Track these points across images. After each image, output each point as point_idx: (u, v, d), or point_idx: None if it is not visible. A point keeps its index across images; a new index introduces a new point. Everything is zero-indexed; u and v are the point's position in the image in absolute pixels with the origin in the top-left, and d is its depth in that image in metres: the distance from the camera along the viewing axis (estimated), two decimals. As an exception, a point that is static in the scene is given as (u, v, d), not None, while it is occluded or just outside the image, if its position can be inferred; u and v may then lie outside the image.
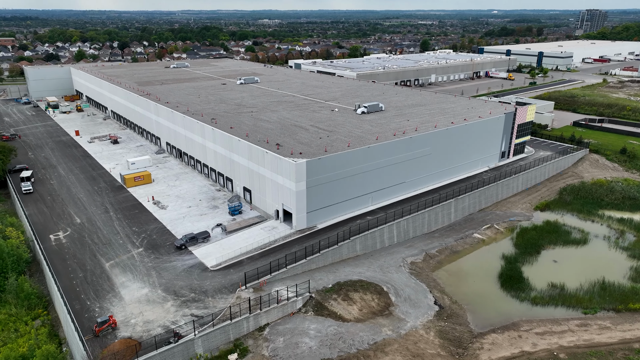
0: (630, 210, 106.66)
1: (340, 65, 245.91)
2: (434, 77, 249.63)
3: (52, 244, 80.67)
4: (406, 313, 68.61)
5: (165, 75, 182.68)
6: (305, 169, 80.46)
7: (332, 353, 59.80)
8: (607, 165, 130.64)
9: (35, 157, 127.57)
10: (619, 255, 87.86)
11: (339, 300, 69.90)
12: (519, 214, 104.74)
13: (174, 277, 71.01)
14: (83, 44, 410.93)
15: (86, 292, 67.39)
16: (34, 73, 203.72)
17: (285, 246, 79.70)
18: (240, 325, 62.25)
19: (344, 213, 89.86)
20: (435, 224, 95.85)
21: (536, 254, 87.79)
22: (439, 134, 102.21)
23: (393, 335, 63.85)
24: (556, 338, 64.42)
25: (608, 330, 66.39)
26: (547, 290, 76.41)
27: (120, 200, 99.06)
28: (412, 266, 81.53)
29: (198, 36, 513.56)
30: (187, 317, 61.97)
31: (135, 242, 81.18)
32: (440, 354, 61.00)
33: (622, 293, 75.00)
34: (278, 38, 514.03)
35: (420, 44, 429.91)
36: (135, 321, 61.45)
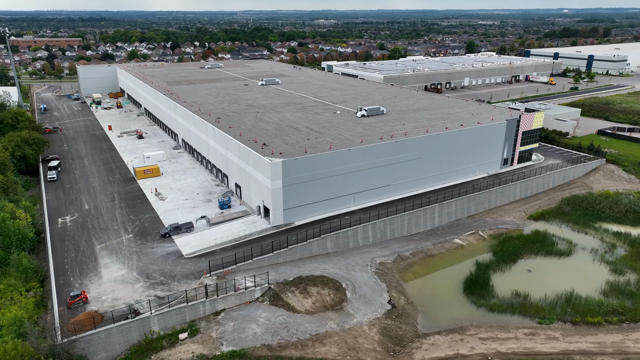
0: (632, 224, 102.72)
1: (371, 67, 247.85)
2: (468, 81, 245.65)
3: (58, 227, 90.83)
4: (356, 309, 71.82)
5: (196, 76, 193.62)
6: (281, 168, 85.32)
7: (273, 340, 64.41)
8: (622, 176, 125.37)
9: (69, 149, 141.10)
10: (600, 269, 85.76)
11: (296, 293, 74.25)
12: (510, 222, 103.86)
13: (150, 262, 78.33)
14: (140, 44, 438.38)
15: (72, 270, 76.11)
16: (84, 71, 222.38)
17: (259, 240, 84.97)
18: (196, 309, 68.23)
19: (324, 212, 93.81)
20: (417, 227, 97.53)
21: (512, 263, 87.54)
22: (428, 138, 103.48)
23: (337, 328, 67.42)
24: (497, 344, 65.29)
25: (554, 340, 66.25)
26: (509, 298, 76.62)
27: (128, 190, 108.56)
28: (380, 266, 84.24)
29: (249, 37, 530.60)
30: (150, 297, 68.82)
31: (127, 229, 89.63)
32: (376, 349, 63.92)
33: (586, 306, 73.89)
34: (326, 39, 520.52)
35: (466, 45, 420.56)
36: (106, 298, 69.06)
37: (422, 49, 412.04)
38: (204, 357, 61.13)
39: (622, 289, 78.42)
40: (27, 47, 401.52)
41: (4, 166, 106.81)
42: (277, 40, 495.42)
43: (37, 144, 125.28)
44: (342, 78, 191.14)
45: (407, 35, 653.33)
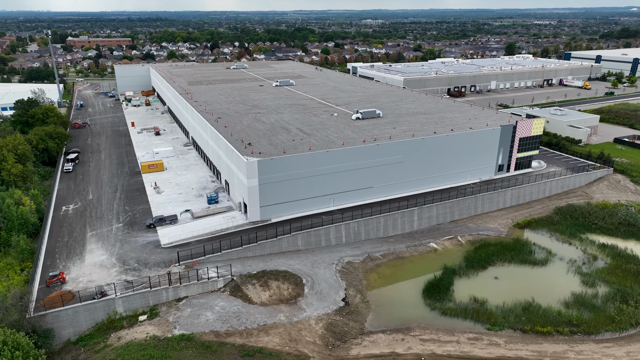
0: (622, 237, 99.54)
1: (394, 69, 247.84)
2: (495, 84, 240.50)
3: (60, 214, 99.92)
4: (309, 304, 75.18)
5: (219, 76, 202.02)
6: (256, 167, 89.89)
7: (222, 327, 69.07)
8: (628, 187, 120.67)
9: (91, 143, 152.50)
10: (571, 280, 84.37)
11: (257, 285, 78.59)
12: (494, 229, 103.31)
13: (130, 250, 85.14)
14: (183, 43, 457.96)
15: (61, 253, 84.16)
16: (120, 70, 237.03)
17: (234, 234, 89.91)
18: (159, 294, 74.04)
19: (302, 210, 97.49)
20: (394, 229, 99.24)
21: (481, 269, 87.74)
22: (413, 142, 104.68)
23: (285, 321, 71.15)
24: (435, 346, 66.75)
25: (495, 346, 66.83)
26: (466, 303, 77.35)
27: (131, 183, 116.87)
28: (346, 265, 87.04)
29: (290, 37, 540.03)
30: (120, 281, 75.32)
31: (119, 219, 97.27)
32: (315, 343, 67.14)
33: (542, 316, 73.55)
34: (366, 39, 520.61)
35: (505, 47, 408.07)
36: (82, 279, 76.25)
37: (460, 51, 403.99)
38: (156, 338, 66.70)
39: (586, 301, 77.15)
40: (81, 47, 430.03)
41: (25, 157, 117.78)
42: (315, 41, 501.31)
43: (59, 138, 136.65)
44: (358, 80, 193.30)
45: (454, 35, 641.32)
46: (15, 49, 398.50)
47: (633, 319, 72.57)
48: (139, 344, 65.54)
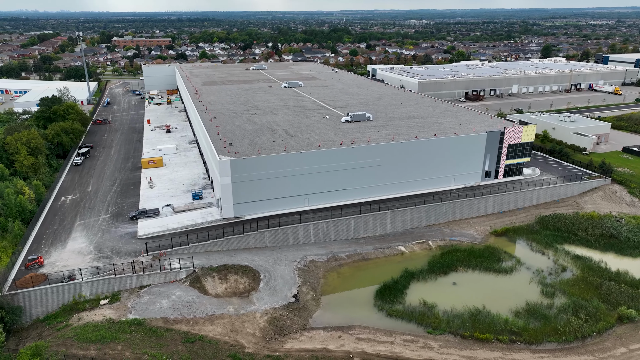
0: (601, 250, 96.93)
1: (413, 71, 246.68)
2: (516, 88, 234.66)
3: (58, 204, 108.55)
4: (260, 298, 78.84)
5: (235, 77, 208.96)
6: (229, 166, 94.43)
7: (172, 314, 73.93)
8: (624, 198, 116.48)
9: (106, 138, 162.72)
10: (530, 290, 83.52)
11: (216, 278, 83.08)
12: (468, 235, 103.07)
13: (108, 239, 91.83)
14: (219, 44, 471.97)
15: (47, 239, 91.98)
16: (148, 70, 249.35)
17: (207, 229, 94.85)
18: (123, 281, 79.90)
19: (276, 209, 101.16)
20: (365, 231, 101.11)
21: (442, 274, 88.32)
22: (391, 146, 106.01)
23: (232, 312, 75.19)
24: (368, 345, 68.70)
25: (427, 349, 67.99)
26: (415, 307, 78.44)
27: (130, 177, 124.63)
28: (309, 264, 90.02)
29: (325, 38, 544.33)
30: (91, 268, 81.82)
31: (108, 210, 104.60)
32: (255, 335, 70.73)
33: (488, 323, 73.65)
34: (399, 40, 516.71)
35: (541, 49, 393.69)
36: (58, 264, 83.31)
37: (494, 53, 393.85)
38: (111, 320, 72.46)
39: (538, 311, 76.47)
40: (123, 46, 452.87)
41: (38, 150, 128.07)
42: (349, 42, 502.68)
43: (74, 134, 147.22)
44: (369, 83, 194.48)
45: (497, 37, 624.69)
46: (64, 49, 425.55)
47: (578, 331, 71.49)
48: (95, 325, 71.48)
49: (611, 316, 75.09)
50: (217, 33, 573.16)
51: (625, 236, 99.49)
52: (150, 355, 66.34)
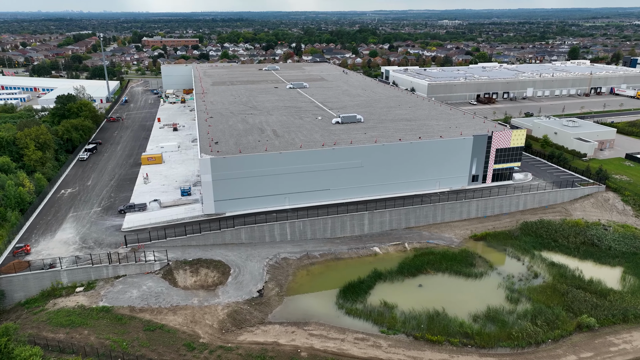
0: (580, 258, 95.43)
1: (426, 73, 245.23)
2: (531, 91, 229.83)
3: (57, 196, 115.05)
4: (225, 292, 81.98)
5: (245, 77, 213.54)
6: (209, 164, 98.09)
7: (140, 304, 77.97)
8: (616, 206, 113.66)
9: (116, 135, 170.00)
10: (495, 295, 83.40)
11: (187, 271, 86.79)
12: (447, 238, 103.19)
13: (94, 231, 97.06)
14: (244, 44, 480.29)
15: (39, 229, 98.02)
16: (166, 69, 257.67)
17: (187, 224, 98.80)
18: (100, 271, 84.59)
19: (257, 207, 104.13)
20: (342, 231, 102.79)
21: (410, 276, 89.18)
22: (372, 148, 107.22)
23: (196, 304, 78.63)
24: (318, 341, 70.67)
25: (375, 348, 69.38)
26: (375, 306, 79.83)
27: (128, 173, 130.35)
28: (280, 261, 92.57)
29: (351, 38, 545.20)
30: (72, 257, 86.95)
31: (101, 204, 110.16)
32: (212, 326, 73.85)
33: (444, 325, 74.35)
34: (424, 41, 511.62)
35: (569, 51, 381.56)
36: (44, 252, 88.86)
37: (519, 55, 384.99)
38: (82, 307, 77.15)
39: (496, 316, 76.49)
40: (151, 46, 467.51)
41: (47, 145, 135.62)
42: (373, 43, 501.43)
43: (84, 130, 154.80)
44: (374, 85, 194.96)
45: (531, 37, 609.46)
46: (96, 48, 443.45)
47: (532, 337, 71.25)
48: (67, 311, 76.33)
49: (570, 324, 74.37)
50: (244, 33, 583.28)
51: (607, 245, 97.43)
52: (112, 341, 70.42)
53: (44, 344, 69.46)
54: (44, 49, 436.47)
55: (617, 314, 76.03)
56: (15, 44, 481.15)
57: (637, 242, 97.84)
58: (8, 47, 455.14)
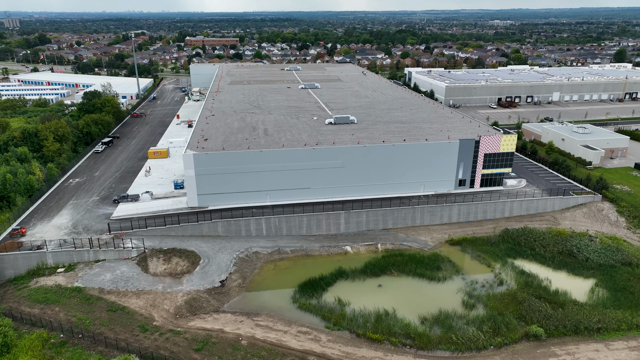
0: (553, 268, 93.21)
1: (450, 75, 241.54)
2: (558, 96, 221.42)
3: (65, 185, 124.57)
4: (189, 281, 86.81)
5: (264, 77, 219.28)
6: (192, 159, 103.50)
7: (109, 286, 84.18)
8: (609, 217, 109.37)
9: (135, 130, 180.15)
10: (453, 299, 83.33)
11: (161, 259, 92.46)
12: (422, 241, 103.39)
13: (86, 218, 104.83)
14: (282, 44, 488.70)
15: (40, 214, 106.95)
16: (194, 68, 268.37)
17: (171, 215, 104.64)
18: (82, 254, 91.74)
19: (239, 202, 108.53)
20: (318, 229, 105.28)
21: (373, 276, 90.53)
22: (353, 149, 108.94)
23: (160, 290, 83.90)
24: (261, 331, 73.87)
25: (314, 342, 71.68)
26: (328, 303, 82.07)
27: (134, 166, 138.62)
28: (251, 254, 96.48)
29: (390, 39, 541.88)
30: (59, 239, 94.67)
31: (100, 193, 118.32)
32: (168, 311, 78.71)
33: (388, 325, 75.49)
34: (466, 42, 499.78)
35: (614, 54, 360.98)
36: (38, 235, 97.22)
37: (560, 57, 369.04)
38: (59, 286, 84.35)
39: (445, 320, 76.71)
40: (191, 46, 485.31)
41: (65, 138, 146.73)
42: (411, 44, 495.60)
43: (102, 125, 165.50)
44: (387, 86, 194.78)
45: (586, 39, 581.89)
46: (141, 47, 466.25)
47: (473, 343, 71.16)
48: (45, 289, 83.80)
49: (517, 332, 73.50)
50: (285, 34, 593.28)
51: (585, 256, 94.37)
52: (78, 318, 76.89)
53: (20, 317, 76.85)
54: (94, 48, 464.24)
55: (570, 325, 74.29)
56: (70, 43, 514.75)
57: (618, 254, 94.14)
58: (64, 46, 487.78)
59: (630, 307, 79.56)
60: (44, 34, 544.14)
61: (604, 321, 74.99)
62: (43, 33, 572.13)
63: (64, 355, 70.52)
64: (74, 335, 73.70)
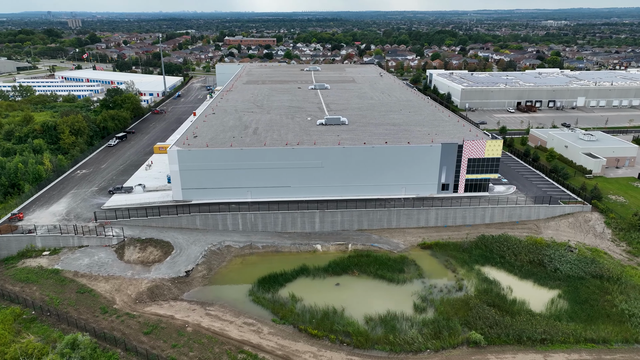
0: (520, 276, 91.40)
1: (471, 78, 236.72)
2: (583, 101, 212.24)
3: (72, 175, 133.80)
4: (157, 269, 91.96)
5: (280, 77, 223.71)
6: (177, 155, 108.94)
7: (85, 269, 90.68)
8: (595, 228, 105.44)
9: (152, 126, 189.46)
10: (406, 301, 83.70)
11: (137, 248, 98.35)
12: (394, 244, 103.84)
13: (80, 207, 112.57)
14: (317, 44, 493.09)
15: (41, 201, 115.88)
16: (220, 68, 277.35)
17: (155, 208, 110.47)
18: (67, 239, 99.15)
19: (221, 197, 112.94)
20: (293, 227, 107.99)
21: (334, 275, 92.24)
22: (331, 150, 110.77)
23: (128, 276, 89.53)
24: (208, 319, 77.60)
25: (254, 333, 74.45)
26: (282, 298, 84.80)
27: (139, 160, 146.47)
28: (223, 248, 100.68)
29: (428, 39, 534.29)
30: (49, 225, 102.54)
31: (99, 184, 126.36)
32: (130, 296, 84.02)
33: (332, 322, 77.27)
34: (505, 43, 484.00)
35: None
36: (33, 220, 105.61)
37: (602, 59, 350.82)
38: (40, 267, 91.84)
39: (389, 322, 77.53)
40: (228, 45, 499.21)
41: (81, 131, 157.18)
42: (450, 45, 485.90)
43: (119, 120, 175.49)
44: (398, 88, 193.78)
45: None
46: (182, 46, 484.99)
47: (410, 345, 71.72)
48: (28, 269, 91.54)
49: (457, 338, 73.27)
50: (321, 34, 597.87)
51: (555, 267, 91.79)
52: (50, 297, 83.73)
53: (1, 294, 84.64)
54: (138, 47, 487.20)
55: (513, 334, 73.22)
56: (118, 42, 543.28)
57: (592, 266, 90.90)
58: (112, 45, 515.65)
59: (585, 321, 77.24)
60: (94, 34, 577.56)
61: (549, 333, 73.35)
62: (94, 32, 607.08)
63: (31, 330, 77.23)
64: (43, 312, 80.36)
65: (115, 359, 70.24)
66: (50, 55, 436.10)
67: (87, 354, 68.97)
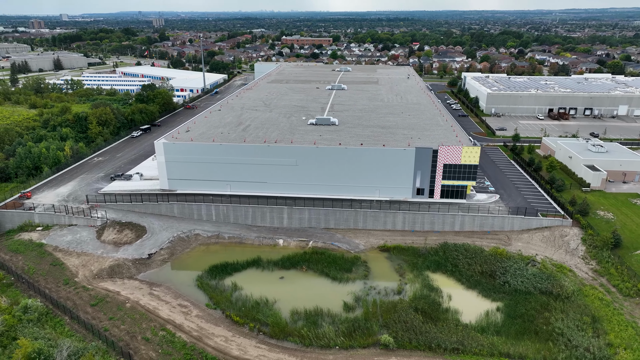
0: (466, 286, 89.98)
1: (508, 82, 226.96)
2: (625, 109, 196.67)
3: (88, 161, 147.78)
4: (125, 250, 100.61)
5: (307, 77, 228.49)
6: (163, 147, 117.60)
7: (64, 245, 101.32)
8: (569, 244, 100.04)
9: (179, 120, 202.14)
10: (339, 299, 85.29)
11: (116, 229, 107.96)
12: (354, 244, 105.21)
13: (82, 190, 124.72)
14: (370, 44, 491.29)
15: (53, 183, 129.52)
16: (258, 66, 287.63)
17: (144, 195, 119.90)
18: (59, 218, 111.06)
19: (203, 189, 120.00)
20: (262, 221, 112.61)
21: (283, 269, 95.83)
22: (305, 149, 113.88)
23: (97, 254, 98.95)
24: (148, 298, 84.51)
25: (183, 314, 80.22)
26: (225, 286, 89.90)
27: (152, 150, 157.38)
28: (191, 235, 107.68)
29: (492, 40, 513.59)
30: (49, 204, 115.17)
31: (107, 171, 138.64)
32: (92, 271, 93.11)
33: (256, 312, 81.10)
34: (575, 46, 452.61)
35: None
36: (39, 199, 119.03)
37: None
38: (30, 241, 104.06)
39: (312, 317, 79.90)
40: (281, 45, 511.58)
41: (108, 122, 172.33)
42: (510, 46, 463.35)
43: (146, 113, 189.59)
44: (415, 92, 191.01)
45: None
46: (239, 45, 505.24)
47: (319, 340, 73.82)
48: (20, 242, 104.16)
49: (370, 338, 74.18)
50: (379, 34, 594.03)
51: (504, 280, 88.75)
52: (28, 267, 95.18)
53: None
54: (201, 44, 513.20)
55: (424, 340, 72.81)
56: (184, 40, 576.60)
57: (545, 283, 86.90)
58: (177, 43, 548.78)
59: (513, 335, 74.84)
60: (164, 32, 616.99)
61: (463, 343, 72.08)
62: (164, 31, 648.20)
63: (6, 294, 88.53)
64: (19, 279, 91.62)
65: (61, 324, 79.16)
66: (120, 52, 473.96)
67: (35, 317, 78.59)
